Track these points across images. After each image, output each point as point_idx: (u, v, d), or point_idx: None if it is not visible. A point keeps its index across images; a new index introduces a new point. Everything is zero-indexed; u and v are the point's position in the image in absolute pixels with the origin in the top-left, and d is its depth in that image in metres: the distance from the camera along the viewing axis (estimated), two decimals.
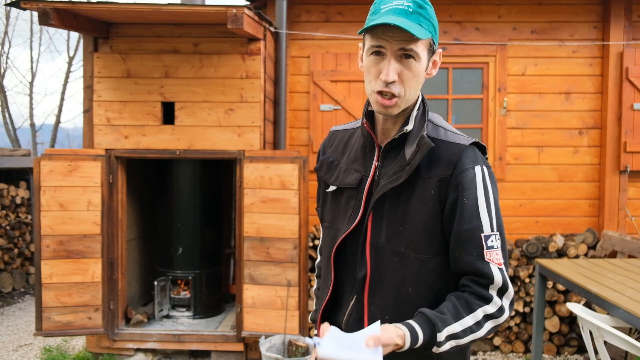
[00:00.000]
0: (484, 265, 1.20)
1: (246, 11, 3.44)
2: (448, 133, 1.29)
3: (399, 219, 1.26)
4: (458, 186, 1.22)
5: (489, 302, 1.20)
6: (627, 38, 4.56)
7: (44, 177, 3.79)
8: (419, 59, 1.21)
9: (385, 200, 1.28)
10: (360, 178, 1.34)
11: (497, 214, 1.24)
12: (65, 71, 13.45)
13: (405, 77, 1.21)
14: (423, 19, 1.19)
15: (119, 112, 3.97)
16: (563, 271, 3.35)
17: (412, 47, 1.18)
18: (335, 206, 1.40)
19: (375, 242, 1.29)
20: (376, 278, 1.28)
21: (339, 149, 1.45)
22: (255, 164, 3.84)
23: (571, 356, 4.27)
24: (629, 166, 4.53)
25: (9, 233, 6.22)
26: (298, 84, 4.68)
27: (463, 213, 1.21)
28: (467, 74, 4.74)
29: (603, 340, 2.40)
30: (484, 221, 1.21)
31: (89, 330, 3.91)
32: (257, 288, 3.86)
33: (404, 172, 1.24)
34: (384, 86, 1.21)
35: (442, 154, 1.25)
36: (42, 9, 3.34)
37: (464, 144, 1.26)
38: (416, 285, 1.26)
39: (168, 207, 4.52)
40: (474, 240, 1.21)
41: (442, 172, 1.23)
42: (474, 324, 1.19)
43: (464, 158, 1.24)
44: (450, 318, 1.17)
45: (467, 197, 1.21)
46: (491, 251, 1.21)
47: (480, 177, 1.23)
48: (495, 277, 1.20)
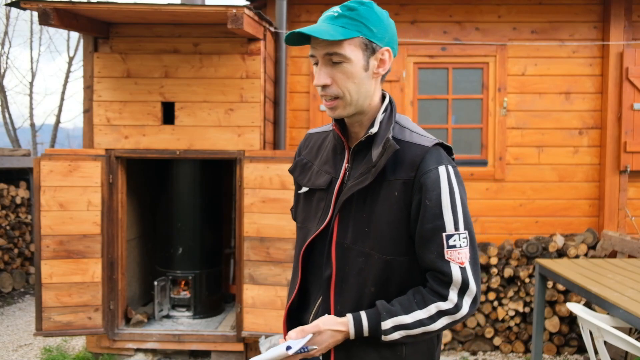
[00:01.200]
0: (443, 264, 1.23)
1: (246, 11, 3.44)
2: (413, 134, 1.31)
3: (364, 221, 1.29)
4: (421, 188, 1.24)
5: (445, 299, 1.23)
6: (627, 38, 4.56)
7: (44, 177, 3.79)
8: (348, 61, 1.23)
9: (352, 201, 1.30)
10: (330, 180, 1.37)
11: (464, 213, 1.25)
12: (65, 71, 13.46)
13: (339, 80, 1.25)
14: (349, 20, 1.22)
15: (119, 112, 3.97)
16: (563, 271, 3.35)
17: (336, 51, 1.22)
18: (307, 207, 1.44)
19: (340, 243, 1.32)
20: (341, 278, 1.32)
21: (313, 151, 1.48)
22: (255, 164, 3.84)
23: (571, 356, 4.27)
24: (629, 166, 4.53)
25: (9, 233, 6.22)
26: (298, 84, 4.68)
27: (426, 214, 1.24)
28: (467, 74, 4.74)
29: (603, 340, 2.40)
30: (446, 221, 1.23)
31: (89, 330, 3.91)
32: (257, 288, 3.86)
33: (370, 174, 1.26)
34: (321, 90, 1.27)
35: (406, 156, 1.27)
36: (42, 9, 3.34)
37: (427, 145, 1.27)
38: (379, 285, 1.29)
39: (168, 207, 4.52)
40: (435, 240, 1.23)
41: (406, 174, 1.26)
42: (426, 318, 1.23)
43: (427, 159, 1.25)
44: (399, 310, 1.23)
45: (429, 198, 1.23)
46: (452, 250, 1.23)
47: (445, 177, 1.24)
48: (454, 275, 1.22)
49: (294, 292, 1.42)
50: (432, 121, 4.77)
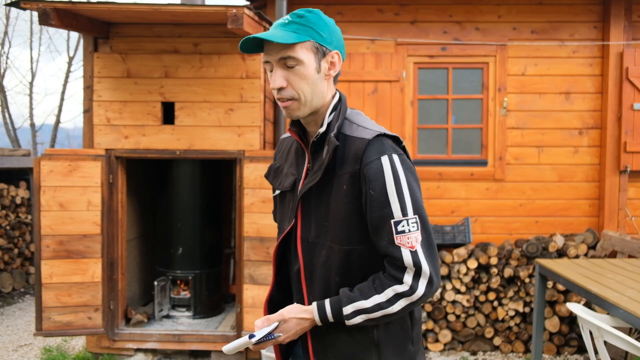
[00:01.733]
0: (394, 249, 1.28)
1: (246, 11, 3.44)
2: (359, 128, 1.37)
3: (323, 215, 1.37)
4: (366, 179, 1.30)
5: (400, 282, 1.29)
6: (627, 38, 4.56)
7: (44, 177, 3.79)
8: (301, 64, 1.31)
9: (311, 198, 1.39)
10: (294, 181, 1.46)
11: (413, 199, 1.30)
12: (65, 71, 13.46)
13: (294, 82, 1.32)
14: (299, 26, 1.31)
15: (119, 112, 3.97)
16: (563, 271, 3.35)
17: (289, 54, 1.30)
18: (281, 209, 1.53)
19: (305, 238, 1.41)
20: (309, 270, 1.41)
21: (284, 156, 1.57)
22: (255, 164, 3.84)
23: (571, 356, 4.27)
24: (629, 166, 4.53)
25: (9, 233, 6.22)
26: None
27: (372, 203, 1.30)
28: (467, 74, 4.74)
29: (603, 340, 2.40)
30: (393, 208, 1.28)
31: (89, 330, 3.91)
32: (257, 288, 3.86)
33: (320, 171, 1.34)
34: (277, 93, 1.34)
35: (350, 150, 1.34)
36: (42, 9, 3.34)
37: (367, 137, 1.33)
38: (342, 274, 1.36)
39: (168, 207, 4.52)
40: (384, 227, 1.29)
41: (351, 168, 1.32)
42: (385, 301, 1.29)
43: (368, 151, 1.31)
44: (359, 295, 1.31)
45: (373, 188, 1.29)
46: (401, 236, 1.28)
47: (388, 166, 1.29)
48: (405, 260, 1.28)
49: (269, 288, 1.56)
50: (432, 121, 4.78)
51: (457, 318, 4.33)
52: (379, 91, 4.60)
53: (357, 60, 4.59)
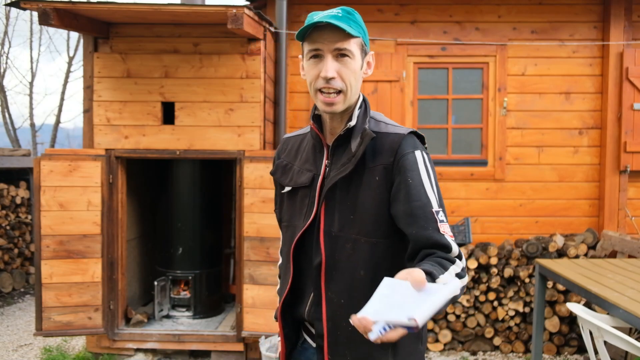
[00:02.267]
0: (440, 237, 1.27)
1: (246, 11, 3.44)
2: (389, 126, 1.41)
3: (349, 208, 1.36)
4: (401, 169, 1.32)
5: (454, 263, 1.26)
6: (627, 38, 4.56)
7: (44, 177, 3.79)
8: (353, 57, 1.34)
9: (336, 191, 1.38)
10: (312, 176, 1.45)
11: (439, 193, 1.34)
12: (65, 71, 13.46)
13: (344, 74, 1.33)
14: (352, 22, 1.33)
15: (119, 112, 3.97)
16: (563, 271, 3.35)
17: (345, 46, 1.31)
18: (291, 206, 1.51)
19: (328, 231, 1.38)
20: (331, 265, 1.38)
21: (292, 153, 1.56)
22: (255, 164, 3.84)
23: (571, 356, 4.27)
24: (629, 166, 4.53)
25: (9, 233, 6.22)
26: (298, 84, 4.68)
27: (410, 192, 1.30)
28: (467, 74, 4.74)
29: (603, 340, 2.40)
30: (431, 198, 1.30)
31: (89, 330, 3.91)
32: (257, 288, 3.86)
33: (351, 163, 1.34)
34: (325, 83, 1.33)
35: (385, 143, 1.36)
36: (42, 9, 3.34)
37: (403, 132, 1.37)
38: (368, 269, 1.35)
39: (168, 207, 4.52)
40: (426, 216, 1.28)
41: (385, 160, 1.34)
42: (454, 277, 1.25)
43: (404, 144, 1.34)
44: (439, 270, 1.20)
45: (411, 178, 1.31)
46: (443, 224, 1.29)
47: (421, 160, 1.34)
48: (452, 246, 1.27)
49: (286, 288, 1.47)
50: (432, 121, 4.78)
51: (457, 318, 4.33)
52: (379, 91, 4.60)
53: None
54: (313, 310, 1.42)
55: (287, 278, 1.48)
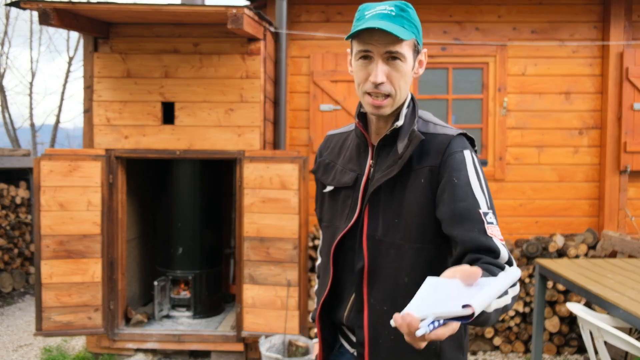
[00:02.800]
0: (487, 239, 1.19)
1: (246, 11, 3.44)
2: (437, 127, 1.35)
3: (394, 212, 1.31)
4: (447, 169, 1.26)
5: (503, 269, 1.15)
6: (627, 38, 4.56)
7: (44, 177, 3.79)
8: (404, 60, 1.27)
9: (380, 194, 1.32)
10: (355, 177, 1.40)
11: (489, 195, 1.27)
12: (65, 71, 13.46)
13: (394, 78, 1.28)
14: (406, 21, 1.26)
15: (119, 112, 3.97)
16: (563, 271, 3.34)
17: (397, 49, 1.25)
18: (332, 206, 1.46)
19: (371, 235, 1.33)
20: (374, 270, 1.33)
21: (335, 152, 1.51)
22: (255, 164, 3.84)
23: (571, 356, 4.27)
24: (629, 166, 4.53)
25: (9, 233, 6.22)
26: (298, 84, 4.68)
27: (456, 192, 1.23)
28: (467, 74, 4.74)
29: (603, 340, 2.40)
30: (479, 199, 1.23)
31: (89, 330, 3.91)
32: (257, 288, 3.86)
33: (397, 165, 1.29)
34: (374, 87, 1.28)
35: (432, 145, 1.30)
36: (42, 9, 3.34)
37: (452, 133, 1.31)
38: (412, 275, 1.29)
39: (168, 207, 4.52)
40: (472, 217, 1.21)
41: (432, 162, 1.28)
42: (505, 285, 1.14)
43: (452, 144, 1.29)
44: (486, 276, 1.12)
45: (457, 177, 1.24)
46: (492, 226, 1.21)
47: (470, 160, 1.27)
48: (501, 251, 1.18)
49: (326, 290, 1.42)
50: None
51: None
52: None
53: None
54: (353, 316, 1.37)
55: (327, 280, 1.43)
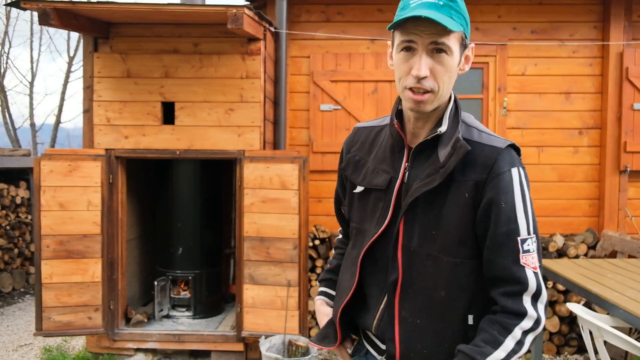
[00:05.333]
0: (519, 269, 1.18)
1: (246, 11, 3.44)
2: (482, 135, 1.26)
3: (432, 223, 1.24)
4: (494, 189, 1.19)
5: (524, 316, 1.18)
6: (627, 38, 4.56)
7: (44, 177, 3.79)
8: (451, 53, 1.18)
9: (418, 203, 1.24)
10: (389, 180, 1.31)
11: (533, 217, 1.21)
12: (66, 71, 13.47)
13: (438, 72, 1.18)
14: (454, 11, 1.16)
15: (119, 112, 3.97)
16: (563, 271, 3.34)
17: (443, 41, 1.15)
18: (362, 207, 1.38)
19: (407, 246, 1.26)
20: (408, 282, 1.26)
21: (365, 147, 1.41)
22: (255, 164, 3.84)
23: (571, 356, 4.27)
24: (629, 166, 4.53)
25: (9, 233, 6.22)
26: (298, 84, 4.68)
27: (500, 216, 1.19)
28: (467, 74, 4.70)
29: (603, 340, 2.40)
30: (521, 224, 1.19)
31: (89, 330, 3.91)
32: (257, 288, 3.86)
33: (438, 175, 1.21)
34: (416, 82, 1.18)
35: (477, 156, 1.21)
36: (42, 9, 3.34)
37: (500, 146, 1.22)
38: (449, 289, 1.24)
39: (168, 207, 4.52)
40: (510, 244, 1.18)
41: (477, 176, 1.20)
42: (515, 345, 1.17)
43: (500, 161, 1.20)
44: (489, 348, 1.16)
45: (504, 201, 1.19)
46: (527, 255, 1.18)
47: (517, 180, 1.20)
48: (529, 282, 1.17)
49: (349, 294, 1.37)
50: None
51: None
52: (378, 91, 4.60)
53: (357, 60, 4.59)
54: (383, 326, 1.30)
55: (351, 284, 1.36)
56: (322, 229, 4.47)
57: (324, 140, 4.62)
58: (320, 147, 4.61)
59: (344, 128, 4.60)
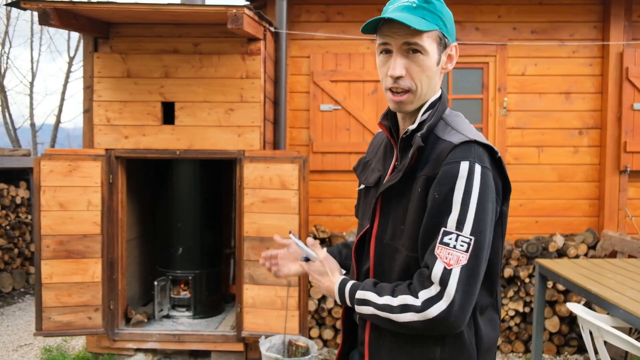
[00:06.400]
0: (430, 257, 1.16)
1: (246, 11, 3.44)
2: (452, 132, 1.26)
3: (400, 217, 1.27)
4: (436, 180, 1.18)
5: (416, 295, 1.17)
6: (627, 38, 4.56)
7: (44, 177, 3.79)
8: (426, 53, 1.22)
9: (392, 198, 1.30)
10: (378, 177, 1.39)
11: (477, 217, 1.14)
12: (66, 71, 13.47)
13: (414, 72, 1.23)
14: (428, 12, 1.21)
15: (119, 112, 3.97)
16: (563, 271, 3.35)
17: (416, 41, 1.20)
18: (363, 204, 1.46)
19: (379, 238, 1.32)
20: (379, 272, 1.31)
21: (374, 150, 1.50)
22: (255, 164, 3.84)
23: (571, 356, 4.27)
24: (629, 166, 4.53)
25: (9, 233, 6.22)
26: (298, 84, 4.68)
27: (432, 207, 1.18)
28: (467, 74, 4.74)
29: (603, 340, 2.40)
30: (451, 217, 1.14)
31: (89, 330, 3.91)
32: (257, 288, 3.86)
33: (401, 171, 1.26)
34: (393, 82, 1.24)
35: (435, 152, 1.23)
36: (42, 9, 3.34)
37: (455, 142, 1.20)
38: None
39: (168, 207, 4.52)
40: (432, 236, 1.17)
41: (429, 171, 1.21)
42: (395, 306, 1.19)
43: (452, 154, 1.18)
44: (377, 290, 1.24)
45: (438, 192, 1.17)
46: (443, 247, 1.14)
47: (465, 172, 1.15)
48: (434, 272, 1.14)
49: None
50: None
51: None
52: (379, 91, 4.60)
53: (357, 60, 4.59)
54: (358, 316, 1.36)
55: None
56: (322, 229, 4.47)
57: (324, 140, 4.62)
58: (320, 147, 4.61)
59: (344, 128, 4.60)
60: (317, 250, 1.41)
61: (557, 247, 4.31)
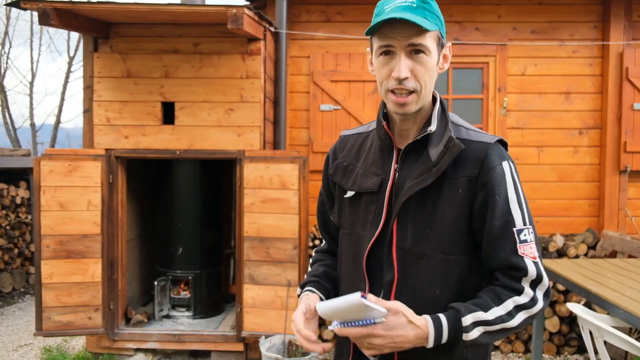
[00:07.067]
0: (518, 259, 1.20)
1: (246, 11, 3.44)
2: (470, 132, 1.30)
3: (425, 221, 1.24)
4: (487, 184, 1.22)
5: (520, 293, 1.20)
6: (627, 38, 4.56)
7: (44, 177, 3.79)
8: (429, 53, 1.21)
9: (410, 202, 1.25)
10: (380, 181, 1.32)
11: (527, 208, 1.25)
12: (66, 71, 13.47)
13: (419, 73, 1.22)
14: (428, 12, 1.21)
15: (119, 112, 3.97)
16: (563, 271, 3.34)
17: (420, 42, 1.19)
18: (354, 211, 1.37)
19: (401, 246, 1.26)
20: (402, 281, 1.26)
21: (352, 153, 1.42)
22: (255, 164, 3.84)
23: (571, 356, 4.27)
24: (629, 166, 4.53)
25: (9, 233, 6.22)
26: (298, 84, 4.68)
27: (495, 210, 1.21)
28: (467, 74, 4.74)
29: (603, 340, 2.40)
30: (515, 216, 1.22)
31: (89, 330, 3.91)
32: (257, 288, 3.86)
33: (431, 173, 1.22)
34: (397, 84, 1.22)
35: (468, 153, 1.24)
36: (42, 9, 3.34)
37: (489, 141, 1.26)
38: (444, 286, 1.25)
39: (168, 207, 4.52)
40: (506, 236, 1.21)
41: (470, 171, 1.23)
42: (505, 314, 1.18)
43: (491, 155, 1.24)
44: (476, 308, 1.18)
45: (498, 194, 1.22)
46: (525, 245, 1.21)
47: (509, 173, 1.24)
48: (529, 269, 1.20)
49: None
50: None
51: None
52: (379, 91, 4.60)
53: (357, 60, 4.58)
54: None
55: (361, 288, 1.32)
56: None
57: (324, 140, 4.62)
58: (320, 147, 4.61)
59: (344, 128, 4.60)
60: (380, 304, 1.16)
61: (557, 247, 4.31)
